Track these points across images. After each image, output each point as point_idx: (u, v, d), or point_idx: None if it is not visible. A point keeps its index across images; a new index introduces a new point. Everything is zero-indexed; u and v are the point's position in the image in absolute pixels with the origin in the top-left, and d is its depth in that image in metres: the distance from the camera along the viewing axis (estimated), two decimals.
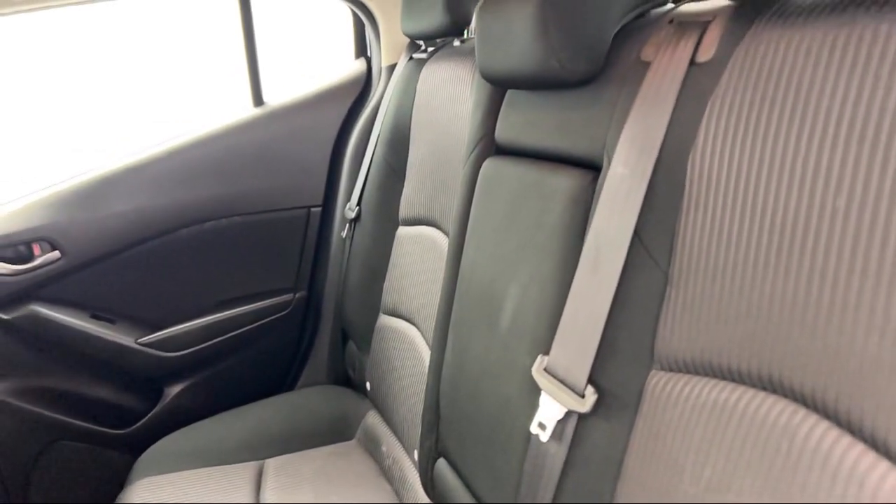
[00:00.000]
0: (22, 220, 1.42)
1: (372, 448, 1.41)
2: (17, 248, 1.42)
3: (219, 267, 1.61)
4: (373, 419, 1.45)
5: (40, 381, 1.50)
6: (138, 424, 1.60)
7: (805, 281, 0.52)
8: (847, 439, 0.49)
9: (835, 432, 0.50)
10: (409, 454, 1.23)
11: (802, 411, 0.53)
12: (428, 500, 1.13)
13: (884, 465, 0.46)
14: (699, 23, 0.65)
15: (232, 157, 1.56)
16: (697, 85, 0.63)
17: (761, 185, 0.56)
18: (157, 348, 1.57)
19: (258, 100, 1.60)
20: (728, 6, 0.64)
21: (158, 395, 1.63)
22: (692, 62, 0.64)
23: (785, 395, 0.55)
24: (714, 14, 0.64)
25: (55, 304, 1.48)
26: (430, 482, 1.09)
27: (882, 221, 0.47)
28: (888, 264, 0.46)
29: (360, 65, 1.67)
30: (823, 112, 0.51)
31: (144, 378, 1.60)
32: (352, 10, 1.61)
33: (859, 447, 0.48)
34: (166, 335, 1.57)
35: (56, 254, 1.44)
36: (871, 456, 0.47)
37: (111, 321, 1.53)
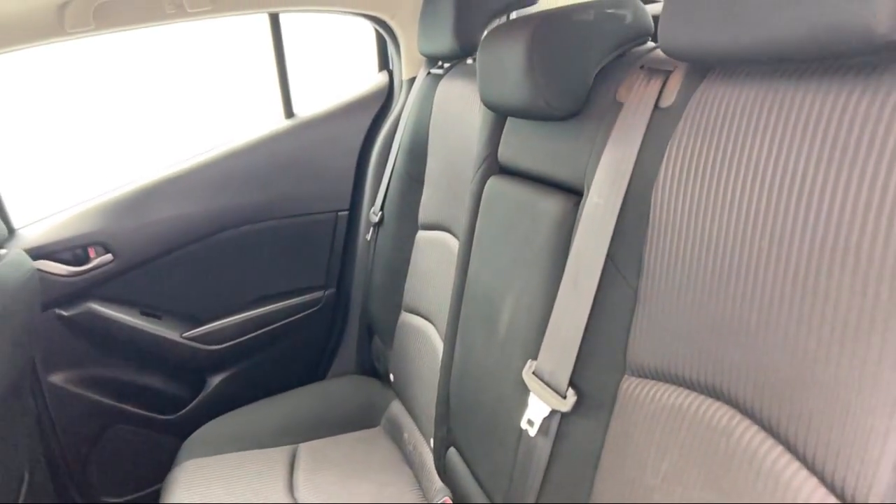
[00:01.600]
0: (78, 226, 1.56)
1: (395, 435, 1.52)
2: (75, 251, 1.56)
3: (255, 267, 1.73)
4: (396, 408, 1.56)
5: (96, 371, 1.64)
6: (184, 411, 1.74)
7: (739, 305, 0.60)
8: (770, 441, 0.58)
9: (761, 435, 0.59)
10: (427, 442, 1.33)
11: (738, 416, 0.62)
12: (441, 485, 1.23)
13: (795, 465, 0.55)
14: (663, 71, 0.73)
15: (266, 165, 1.68)
16: (659, 128, 0.71)
17: (708, 219, 0.64)
18: (200, 342, 1.70)
19: (289, 112, 1.71)
20: None
21: (202, 384, 1.76)
22: (656, 106, 0.72)
23: (726, 402, 0.63)
24: (675, 64, 0.72)
25: (108, 301, 1.62)
26: (443, 468, 1.20)
27: (794, 260, 0.55)
28: (798, 296, 0.54)
29: (382, 77, 1.77)
30: (754, 160, 0.59)
31: (189, 369, 1.74)
32: (374, 28, 1.71)
33: (779, 449, 0.57)
34: (208, 330, 1.71)
35: (109, 256, 1.58)
36: (786, 457, 0.56)
37: (158, 317, 1.67)
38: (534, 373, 0.85)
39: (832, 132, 0.51)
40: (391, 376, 1.58)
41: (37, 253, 1.48)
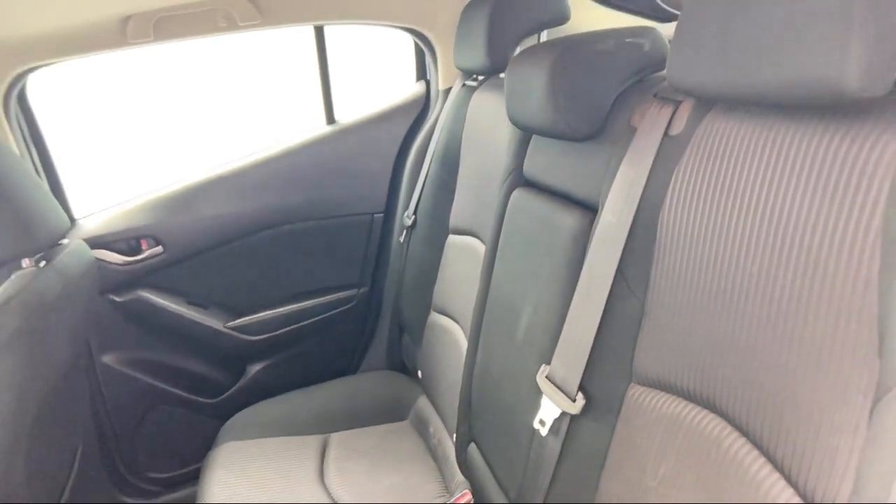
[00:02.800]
0: (132, 219, 1.67)
1: (421, 429, 1.59)
2: (129, 242, 1.67)
3: (294, 264, 1.82)
4: (423, 404, 1.63)
5: (145, 354, 1.75)
6: (224, 396, 1.84)
7: (731, 325, 0.65)
8: (755, 453, 0.63)
9: (748, 447, 0.64)
10: (451, 437, 1.40)
11: (729, 428, 0.67)
12: (462, 478, 1.30)
13: (775, 476, 0.60)
14: (674, 101, 0.78)
15: (307, 168, 1.76)
16: (668, 154, 0.76)
17: (707, 243, 0.69)
18: (241, 332, 1.80)
19: (330, 118, 1.79)
20: None
21: (242, 372, 1.86)
22: (666, 133, 0.77)
23: (719, 414, 0.68)
24: (684, 95, 0.77)
25: (158, 290, 1.72)
26: (464, 463, 1.26)
27: (779, 286, 0.60)
28: (781, 319, 0.59)
29: (420, 87, 1.84)
30: (748, 192, 0.64)
31: (230, 357, 1.84)
32: (414, 40, 1.78)
33: (762, 460, 0.62)
34: (249, 321, 1.80)
35: (159, 248, 1.69)
36: (768, 468, 0.61)
37: (204, 307, 1.77)
38: (547, 377, 0.90)
39: (816, 172, 0.56)
40: (419, 373, 1.65)
41: (94, 242, 1.58)
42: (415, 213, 1.69)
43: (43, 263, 1.22)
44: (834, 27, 0.49)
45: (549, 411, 0.89)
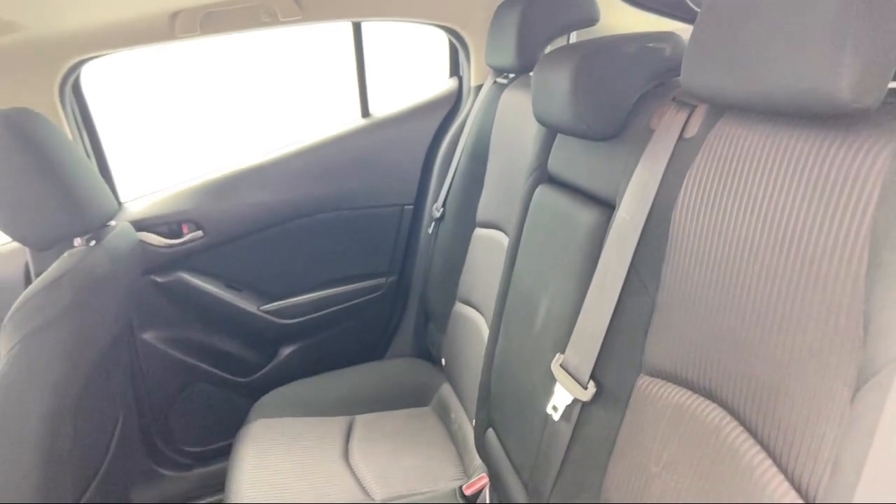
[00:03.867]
0: (175, 204, 1.75)
1: (443, 415, 1.64)
2: (171, 226, 1.75)
3: (326, 252, 1.88)
4: (445, 391, 1.68)
5: (183, 333, 1.83)
6: (256, 375, 1.92)
7: (733, 320, 0.69)
8: (751, 441, 0.66)
9: (744, 435, 0.67)
10: (470, 423, 1.45)
11: (728, 417, 0.70)
12: (480, 462, 1.35)
13: (767, 463, 0.63)
14: (689, 105, 0.81)
15: (341, 160, 1.82)
16: (681, 156, 0.80)
17: (713, 242, 0.73)
18: (274, 315, 1.87)
19: (365, 111, 1.85)
20: None
21: (274, 353, 1.94)
22: (681, 136, 0.81)
23: (719, 404, 0.72)
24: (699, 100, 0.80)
25: (197, 272, 1.80)
26: (482, 447, 1.31)
27: (777, 284, 0.63)
28: (778, 316, 0.63)
29: (452, 83, 1.88)
30: (752, 195, 0.67)
31: (263, 338, 1.91)
32: (448, 38, 1.82)
33: (756, 448, 0.65)
34: (282, 305, 1.88)
35: (200, 233, 1.76)
36: (761, 455, 0.64)
37: (239, 290, 1.85)
38: (561, 364, 0.95)
39: (814, 177, 0.60)
40: (443, 361, 1.70)
41: (139, 225, 1.67)
42: (443, 205, 1.73)
43: (93, 243, 1.30)
44: (829, 42, 0.52)
45: (561, 398, 0.93)
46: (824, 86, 0.53)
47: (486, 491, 1.26)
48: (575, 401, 0.92)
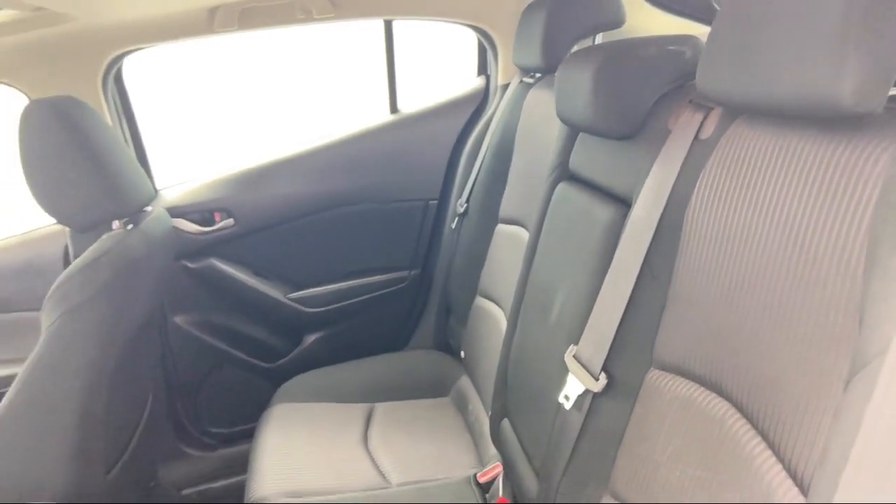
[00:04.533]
0: (208, 193, 1.82)
1: (461, 406, 1.68)
2: (204, 213, 1.82)
3: (352, 244, 1.93)
4: (464, 383, 1.72)
5: (212, 317, 1.90)
6: (281, 361, 1.97)
7: (739, 316, 0.71)
8: (752, 432, 0.69)
9: (747, 426, 0.70)
10: (487, 414, 1.48)
11: (732, 409, 0.73)
12: (495, 452, 1.38)
13: (767, 453, 0.66)
14: (706, 107, 0.84)
15: (369, 155, 1.87)
16: (696, 157, 0.82)
17: (725, 241, 0.75)
18: (300, 304, 1.92)
19: (393, 107, 1.89)
20: None
21: (298, 340, 1.99)
22: (696, 137, 0.83)
23: (724, 397, 0.74)
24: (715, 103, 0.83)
25: (228, 259, 1.86)
26: (497, 437, 1.34)
27: (780, 281, 0.65)
28: (781, 312, 0.65)
29: (480, 82, 1.92)
30: (761, 196, 0.70)
31: (289, 326, 1.97)
32: (477, 37, 1.86)
33: (757, 439, 0.68)
34: (308, 294, 1.93)
35: (231, 221, 1.82)
36: (762, 446, 0.67)
37: (267, 278, 1.91)
38: (574, 356, 0.97)
39: (818, 178, 0.62)
40: (462, 353, 1.74)
41: (173, 212, 1.73)
42: (467, 201, 1.77)
43: (130, 227, 1.36)
44: (832, 48, 0.55)
45: (573, 388, 0.96)
46: (828, 90, 0.56)
47: (500, 479, 1.29)
48: (586, 391, 0.94)
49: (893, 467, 0.44)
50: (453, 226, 1.83)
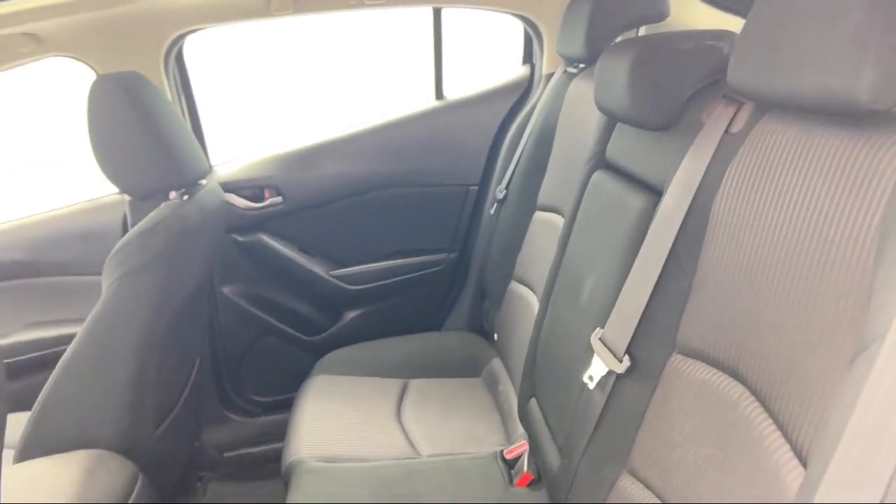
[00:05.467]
0: (259, 170, 1.89)
1: (492, 386, 1.72)
2: (254, 190, 1.89)
3: (393, 225, 1.99)
4: (496, 364, 1.76)
5: (259, 289, 1.98)
6: (322, 335, 2.04)
7: (758, 304, 0.74)
8: (764, 414, 0.72)
9: (759, 409, 0.73)
10: (517, 394, 1.52)
11: (747, 393, 0.76)
12: (523, 431, 1.42)
13: (776, 434, 0.68)
14: (738, 102, 0.86)
15: (413, 139, 1.92)
16: (725, 150, 0.84)
17: (749, 231, 0.78)
18: (342, 281, 1.99)
19: (439, 94, 1.94)
20: None
21: (339, 316, 2.06)
22: (727, 131, 0.86)
23: (740, 381, 0.77)
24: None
25: (275, 235, 1.94)
26: (524, 416, 1.39)
27: (798, 271, 0.68)
28: (798, 300, 0.67)
29: (525, 70, 1.94)
30: (785, 188, 0.72)
31: (330, 302, 2.04)
32: (524, 26, 1.88)
33: (768, 420, 0.71)
34: (350, 272, 1.99)
35: (279, 198, 1.90)
36: (772, 427, 0.70)
37: (312, 255, 1.98)
38: (600, 338, 1.01)
39: (837, 173, 0.64)
40: (495, 336, 1.78)
41: (225, 187, 1.80)
42: (507, 187, 1.80)
43: (186, 197, 1.44)
44: (853, 48, 0.57)
45: (598, 369, 1.00)
46: (846, 88, 0.58)
47: (525, 456, 1.34)
48: (610, 372, 0.98)
49: (884, 442, 0.47)
50: (492, 211, 1.86)
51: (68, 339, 1.33)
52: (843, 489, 0.48)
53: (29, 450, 1.31)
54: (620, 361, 0.96)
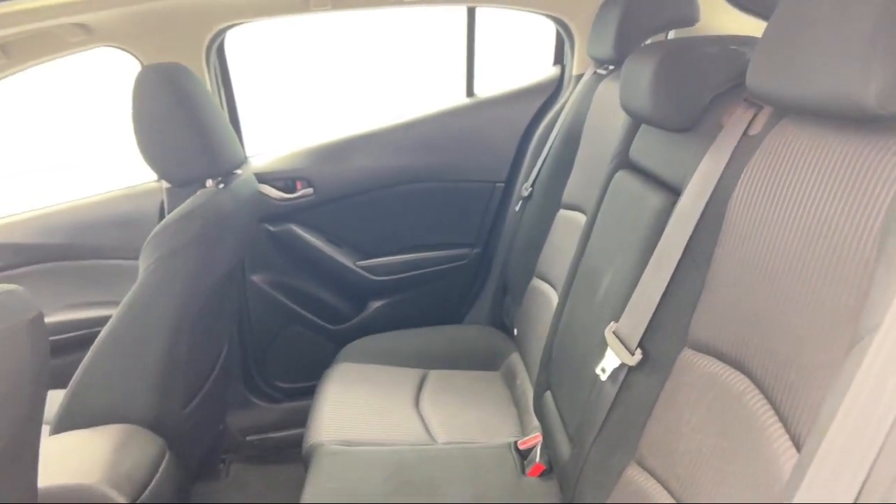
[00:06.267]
0: (291, 162, 1.95)
1: (509, 380, 1.75)
2: (286, 181, 1.95)
3: (420, 219, 2.03)
4: (515, 359, 1.79)
5: (286, 278, 2.04)
6: (346, 324, 2.10)
7: (766, 301, 0.76)
8: (767, 406, 0.74)
9: (763, 401, 0.75)
10: (533, 388, 1.55)
11: (751, 386, 0.78)
12: (538, 423, 1.45)
13: (777, 425, 0.71)
14: (758, 105, 0.88)
15: (442, 135, 1.96)
16: (742, 152, 0.86)
17: (761, 231, 0.80)
18: (367, 272, 2.04)
19: (470, 91, 1.97)
20: None
21: (363, 306, 2.11)
22: (745, 134, 0.88)
23: (745, 374, 0.80)
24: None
25: (305, 226, 1.99)
26: (539, 408, 1.41)
27: (805, 268, 0.70)
28: (803, 296, 0.70)
29: (555, 70, 1.97)
30: (797, 190, 0.74)
31: (355, 292, 2.09)
32: (556, 27, 1.91)
33: (771, 412, 0.73)
34: (375, 263, 2.04)
35: (311, 190, 1.95)
36: (774, 418, 0.72)
37: (339, 246, 2.03)
38: (614, 332, 1.04)
39: (846, 175, 0.66)
40: (515, 331, 1.81)
41: (259, 178, 1.86)
42: (532, 185, 1.83)
43: (221, 186, 1.50)
44: (861, 54, 0.59)
45: (610, 361, 1.02)
46: (856, 93, 0.60)
47: (538, 447, 1.37)
48: (622, 365, 1.00)
49: (870, 426, 0.49)
50: (517, 208, 1.89)
51: (104, 320, 1.39)
52: (831, 471, 0.51)
53: (64, 423, 1.37)
54: (632, 354, 0.98)
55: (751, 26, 1.40)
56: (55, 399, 1.35)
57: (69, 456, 1.30)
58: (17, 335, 0.91)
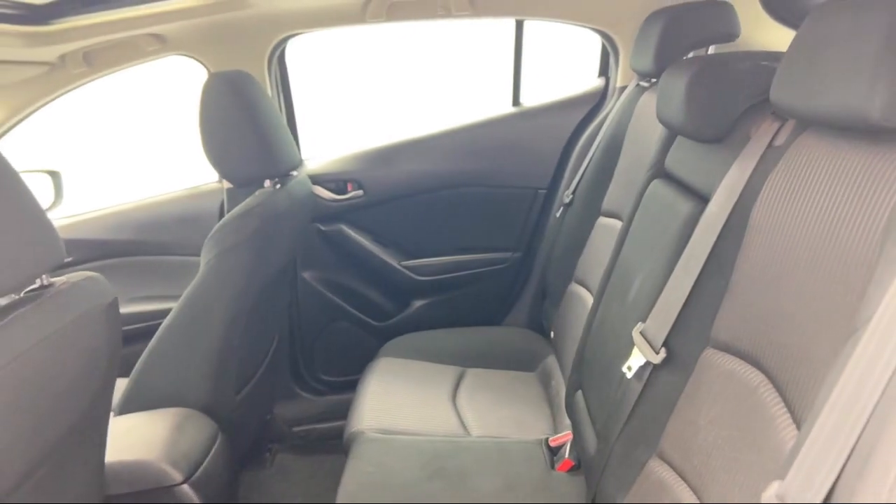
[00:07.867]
0: (343, 165, 2.05)
1: (545, 382, 1.80)
2: (338, 183, 2.05)
3: (463, 222, 2.10)
4: (551, 361, 1.84)
5: (335, 275, 2.13)
6: (389, 321, 2.18)
7: (783, 301, 0.80)
8: (778, 399, 0.78)
9: (775, 394, 0.79)
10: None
11: (766, 380, 0.82)
12: (570, 422, 1.50)
13: (787, 417, 0.75)
14: (783, 118, 0.92)
15: (488, 142, 2.03)
16: (767, 162, 0.91)
17: (781, 236, 0.84)
18: (411, 271, 2.12)
19: (516, 100, 2.04)
20: None
21: (406, 304, 2.19)
22: (770, 145, 0.92)
23: (761, 370, 0.84)
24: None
25: (354, 226, 2.09)
26: (570, 407, 1.46)
27: (817, 270, 0.74)
28: (815, 294, 0.74)
29: (600, 82, 2.02)
30: (817, 199, 0.78)
31: (399, 290, 2.17)
32: (601, 40, 1.96)
33: (781, 405, 0.77)
34: (419, 263, 2.12)
35: (360, 192, 2.05)
36: (783, 410, 0.76)
37: (386, 246, 2.12)
38: (641, 332, 1.09)
39: (855, 183, 0.71)
40: (552, 334, 1.86)
41: (313, 179, 1.97)
42: (573, 193, 1.88)
43: (278, 186, 1.60)
44: (870, 71, 0.64)
45: (636, 360, 1.07)
46: (862, 107, 0.65)
47: (568, 444, 1.42)
48: (647, 363, 1.05)
49: (855, 410, 0.54)
50: (558, 215, 1.94)
51: (165, 313, 1.49)
52: (821, 448, 0.56)
53: (127, 406, 1.48)
54: (657, 353, 1.03)
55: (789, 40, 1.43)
56: (119, 387, 1.47)
57: (132, 435, 1.40)
58: (95, 317, 1.02)
